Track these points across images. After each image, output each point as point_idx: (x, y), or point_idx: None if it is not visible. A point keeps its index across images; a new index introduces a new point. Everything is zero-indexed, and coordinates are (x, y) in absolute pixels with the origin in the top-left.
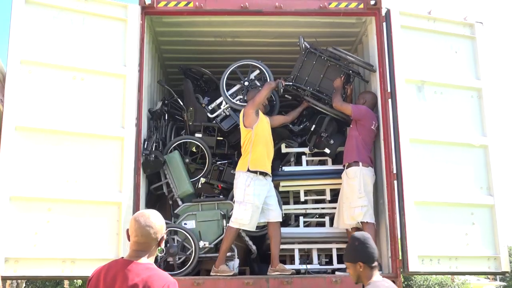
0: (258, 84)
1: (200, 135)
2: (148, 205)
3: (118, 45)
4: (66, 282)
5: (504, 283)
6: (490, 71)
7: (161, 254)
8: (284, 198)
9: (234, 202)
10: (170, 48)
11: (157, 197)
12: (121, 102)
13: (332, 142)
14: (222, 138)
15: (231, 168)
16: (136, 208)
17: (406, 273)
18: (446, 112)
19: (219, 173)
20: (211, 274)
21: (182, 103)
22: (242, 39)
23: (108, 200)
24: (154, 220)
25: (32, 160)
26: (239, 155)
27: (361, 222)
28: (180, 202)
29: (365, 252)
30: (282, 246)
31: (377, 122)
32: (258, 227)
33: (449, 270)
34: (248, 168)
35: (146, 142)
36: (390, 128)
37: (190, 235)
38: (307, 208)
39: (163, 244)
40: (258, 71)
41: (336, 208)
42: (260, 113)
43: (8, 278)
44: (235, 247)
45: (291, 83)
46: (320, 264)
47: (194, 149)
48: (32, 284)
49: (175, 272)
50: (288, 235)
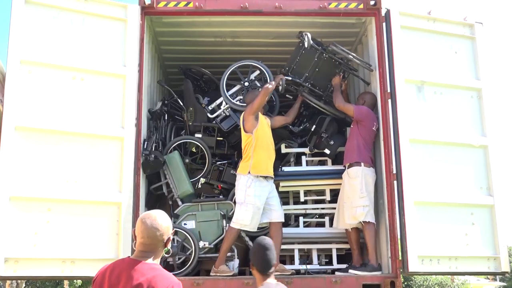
0: (258, 84)
1: (200, 135)
2: (148, 205)
3: (118, 45)
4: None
5: (504, 283)
6: (490, 72)
7: (167, 255)
8: (284, 198)
9: (234, 203)
10: (170, 48)
11: (157, 197)
12: (121, 102)
13: (332, 142)
14: (222, 138)
15: (231, 168)
16: (136, 208)
17: (406, 273)
18: (446, 112)
19: (219, 173)
20: (211, 274)
21: (182, 103)
22: (242, 39)
23: (108, 200)
24: (161, 222)
25: (32, 160)
26: (239, 155)
27: (362, 222)
28: (180, 202)
29: (260, 260)
30: (282, 246)
31: (377, 123)
32: (259, 227)
33: (449, 270)
34: (249, 172)
35: (146, 142)
36: (390, 128)
37: (190, 235)
38: (307, 208)
39: (169, 245)
40: (258, 72)
41: (336, 208)
42: (260, 115)
43: (8, 278)
44: (235, 247)
45: (291, 77)
46: (320, 264)
47: (194, 149)
48: (31, 284)
49: (175, 272)
50: (288, 235)
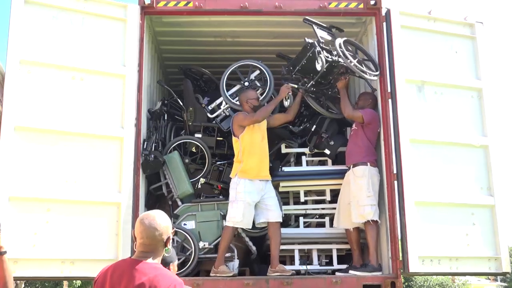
0: (258, 84)
1: (199, 135)
2: (148, 205)
3: (118, 45)
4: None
5: (505, 284)
6: (490, 71)
7: (168, 255)
8: (284, 198)
9: None
10: (170, 48)
11: (156, 197)
12: (120, 102)
13: (332, 143)
14: (221, 138)
15: (231, 168)
16: (135, 209)
17: (406, 273)
18: (446, 112)
19: (219, 173)
20: (211, 275)
21: (181, 103)
22: (242, 39)
23: (107, 201)
24: (159, 222)
25: (31, 160)
26: None
27: (371, 221)
28: (179, 203)
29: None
30: (282, 247)
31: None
32: (258, 227)
33: (449, 270)
34: (237, 176)
35: (146, 142)
36: (390, 128)
37: (189, 235)
38: (307, 209)
39: (169, 244)
40: (258, 71)
41: (336, 208)
42: None
43: None
44: (235, 248)
45: (297, 86)
46: (320, 264)
47: (193, 149)
48: (31, 285)
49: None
50: (288, 235)
